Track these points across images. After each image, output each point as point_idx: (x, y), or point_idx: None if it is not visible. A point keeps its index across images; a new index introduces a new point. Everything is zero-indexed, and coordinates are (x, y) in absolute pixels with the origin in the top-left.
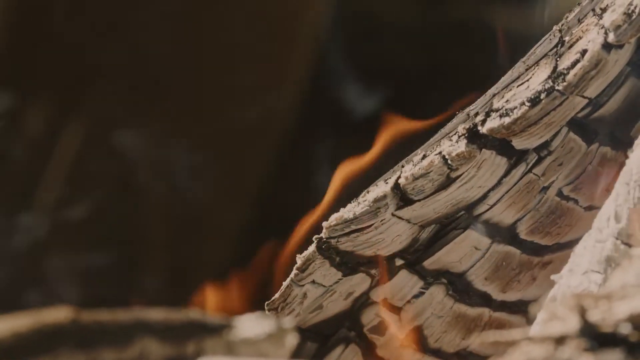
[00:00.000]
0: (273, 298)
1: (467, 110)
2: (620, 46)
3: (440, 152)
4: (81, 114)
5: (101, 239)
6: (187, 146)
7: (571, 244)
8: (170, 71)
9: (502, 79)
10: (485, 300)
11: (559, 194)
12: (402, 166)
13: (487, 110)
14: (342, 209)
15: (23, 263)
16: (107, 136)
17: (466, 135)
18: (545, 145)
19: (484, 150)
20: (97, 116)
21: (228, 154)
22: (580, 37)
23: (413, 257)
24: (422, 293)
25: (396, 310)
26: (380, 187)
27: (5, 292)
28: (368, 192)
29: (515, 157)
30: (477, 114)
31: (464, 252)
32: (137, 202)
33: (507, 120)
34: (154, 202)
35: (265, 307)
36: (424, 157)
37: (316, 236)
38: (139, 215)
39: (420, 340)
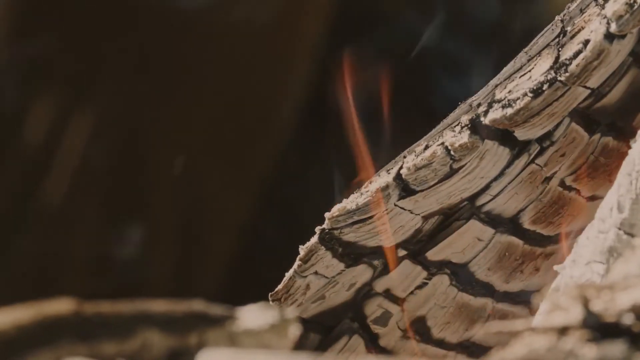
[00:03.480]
0: (276, 289)
1: (469, 101)
2: (623, 36)
3: (442, 143)
4: (90, 104)
5: (109, 229)
6: (194, 140)
7: (574, 235)
8: (175, 67)
9: (504, 69)
10: (488, 290)
11: (562, 184)
12: (404, 157)
13: (489, 101)
14: (344, 200)
15: (30, 252)
16: (115, 127)
17: (469, 126)
18: (548, 135)
19: (486, 141)
20: (105, 108)
21: (234, 147)
22: (583, 28)
23: (416, 247)
24: (425, 284)
25: (399, 301)
26: (383, 178)
27: (13, 282)
28: (370, 183)
29: (518, 147)
30: (479, 105)
31: (467, 242)
32: (144, 194)
33: (509, 111)
34: (162, 194)
35: (269, 298)
36: (427, 147)
37: (319, 227)
38: (147, 208)
39: (424, 330)
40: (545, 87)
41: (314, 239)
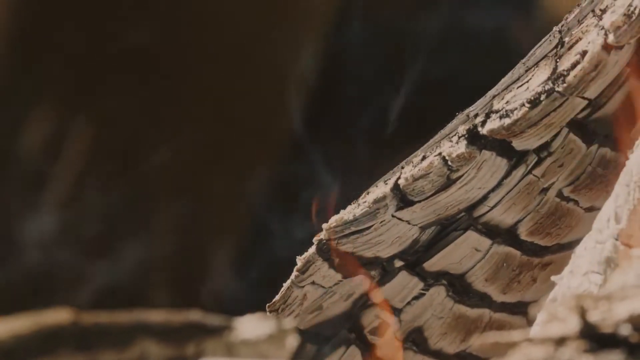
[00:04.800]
0: (273, 299)
1: (467, 111)
2: (620, 47)
3: (440, 153)
4: (89, 114)
5: (110, 237)
6: (193, 146)
7: (572, 245)
8: (172, 76)
9: (502, 80)
10: (485, 301)
11: (559, 195)
12: (402, 167)
13: (487, 111)
14: (342, 211)
15: (31, 266)
16: (115, 132)
17: (466, 136)
18: (545, 146)
19: (484, 151)
20: (105, 112)
21: (234, 153)
22: (580, 38)
23: (413, 258)
24: (422, 294)
25: (396, 311)
26: (380, 188)
27: (15, 291)
28: (368, 193)
29: (516, 158)
30: (477, 115)
31: (464, 253)
32: (145, 203)
33: (507, 121)
34: (161, 202)
35: (266, 309)
36: (424, 158)
37: (316, 237)
38: (147, 215)
39: (421, 341)
40: (542, 97)
41: (312, 250)
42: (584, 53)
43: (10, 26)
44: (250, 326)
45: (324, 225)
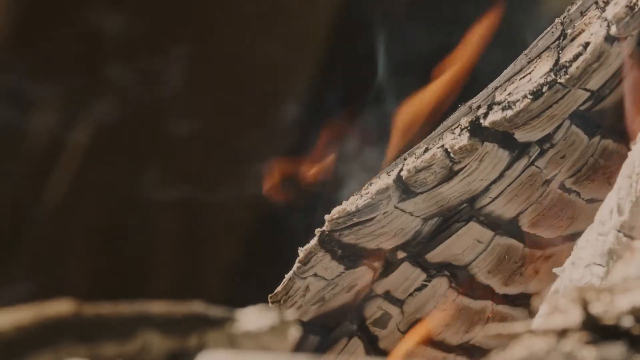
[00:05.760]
0: (276, 291)
1: (469, 103)
2: (623, 39)
3: (442, 145)
4: (90, 111)
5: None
6: (196, 146)
7: (573, 237)
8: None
9: (505, 71)
10: (488, 293)
11: (562, 186)
12: (405, 159)
13: (489, 103)
14: (344, 202)
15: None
16: (116, 130)
17: (468, 128)
18: (548, 138)
19: (486, 143)
20: (105, 112)
21: (236, 152)
22: (583, 30)
23: (415, 249)
24: (424, 286)
25: (399, 302)
26: (383, 180)
27: (13, 289)
28: (370, 185)
29: (518, 150)
30: (479, 107)
31: (467, 244)
32: (147, 202)
33: (509, 113)
34: (163, 199)
35: (268, 300)
36: (427, 150)
37: (318, 229)
38: (148, 213)
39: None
40: (545, 89)
41: (314, 241)
42: (586, 44)
43: (9, 22)
44: (253, 318)
45: (326, 217)
